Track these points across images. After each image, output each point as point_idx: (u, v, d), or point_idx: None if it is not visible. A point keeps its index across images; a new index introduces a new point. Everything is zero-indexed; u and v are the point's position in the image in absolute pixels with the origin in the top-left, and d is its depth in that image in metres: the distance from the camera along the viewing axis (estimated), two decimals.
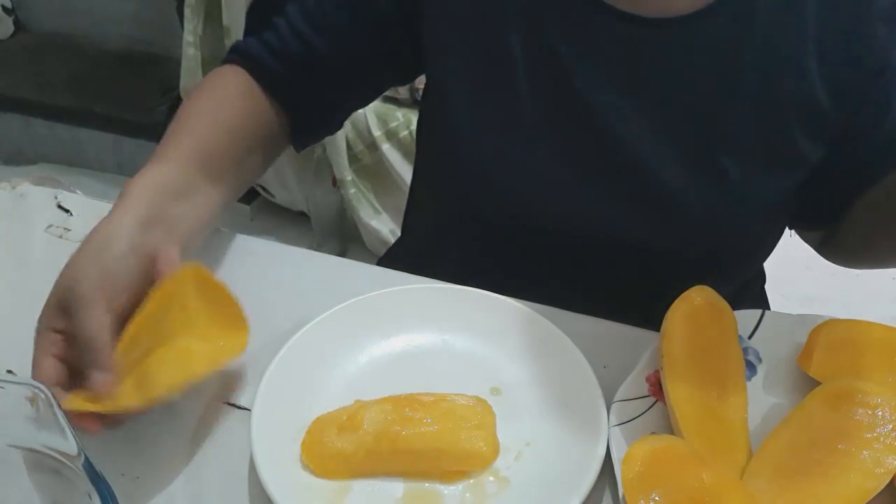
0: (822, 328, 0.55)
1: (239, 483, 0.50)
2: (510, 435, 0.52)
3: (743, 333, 0.57)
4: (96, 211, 0.72)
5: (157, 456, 0.51)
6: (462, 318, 0.59)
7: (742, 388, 0.53)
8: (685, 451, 0.47)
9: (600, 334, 0.60)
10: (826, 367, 0.53)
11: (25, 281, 0.65)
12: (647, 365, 0.54)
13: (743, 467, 0.49)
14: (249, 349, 0.56)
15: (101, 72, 2.06)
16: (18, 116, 2.08)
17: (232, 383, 0.56)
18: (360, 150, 1.71)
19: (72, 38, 2.16)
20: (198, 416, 0.54)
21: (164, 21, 1.98)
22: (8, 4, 2.18)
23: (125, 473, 0.50)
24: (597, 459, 0.48)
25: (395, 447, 0.49)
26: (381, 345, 0.58)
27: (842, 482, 0.46)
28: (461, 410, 0.51)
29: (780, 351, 0.56)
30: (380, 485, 0.49)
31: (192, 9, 1.60)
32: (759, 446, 0.50)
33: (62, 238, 0.69)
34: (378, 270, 0.67)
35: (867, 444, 0.47)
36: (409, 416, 0.50)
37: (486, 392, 0.55)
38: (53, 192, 0.74)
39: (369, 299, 0.59)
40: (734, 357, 0.54)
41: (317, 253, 0.69)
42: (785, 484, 0.47)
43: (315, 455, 0.50)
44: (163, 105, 1.92)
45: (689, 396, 0.51)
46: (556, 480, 0.48)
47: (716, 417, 0.51)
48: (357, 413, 0.50)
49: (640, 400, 0.53)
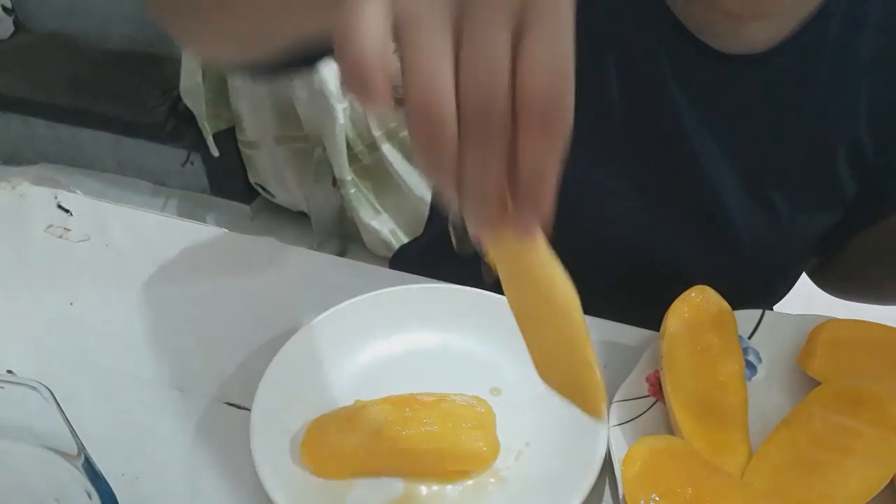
0: (822, 328, 0.55)
1: (239, 483, 0.50)
2: (510, 435, 0.52)
3: (743, 333, 0.57)
4: (96, 211, 0.72)
5: (157, 456, 0.51)
6: (462, 318, 0.59)
7: (742, 388, 0.53)
8: (685, 451, 0.47)
9: (600, 334, 0.60)
10: (826, 367, 0.53)
11: (25, 281, 0.65)
12: (647, 365, 0.54)
13: (743, 467, 0.49)
14: (249, 349, 0.56)
15: (101, 72, 2.06)
16: (18, 116, 2.08)
17: (232, 383, 0.56)
18: (361, 150, 1.71)
19: (72, 38, 2.16)
20: (198, 416, 0.54)
21: None
22: (8, 4, 2.18)
23: (125, 473, 0.50)
24: (597, 459, 0.48)
25: (395, 447, 0.49)
26: (381, 345, 0.58)
27: (842, 482, 0.46)
28: (461, 410, 0.51)
29: (780, 351, 0.56)
30: (380, 485, 0.49)
31: None
32: (759, 446, 0.50)
33: (62, 238, 0.69)
34: (378, 270, 0.67)
35: (867, 444, 0.47)
36: (409, 416, 0.50)
37: (486, 392, 0.55)
38: (53, 192, 0.74)
39: (369, 299, 0.59)
40: (734, 357, 0.54)
41: (317, 253, 0.69)
42: (785, 484, 0.47)
43: (315, 455, 0.49)
44: (163, 105, 1.91)
45: (689, 396, 0.51)
46: (556, 480, 0.48)
47: (716, 417, 0.51)
48: (357, 413, 0.50)
49: (640, 400, 0.53)
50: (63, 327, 0.61)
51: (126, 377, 0.57)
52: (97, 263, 0.67)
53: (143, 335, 0.60)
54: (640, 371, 0.54)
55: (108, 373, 0.57)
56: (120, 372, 0.57)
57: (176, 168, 2.01)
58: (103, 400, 0.55)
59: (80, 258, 0.67)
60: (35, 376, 0.41)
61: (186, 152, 1.96)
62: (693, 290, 0.56)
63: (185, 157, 1.97)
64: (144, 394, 0.56)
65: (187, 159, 1.97)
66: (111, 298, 0.63)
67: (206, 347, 0.59)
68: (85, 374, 0.57)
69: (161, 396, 0.55)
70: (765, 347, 0.57)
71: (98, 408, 0.55)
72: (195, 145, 1.90)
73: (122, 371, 0.57)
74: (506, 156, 0.27)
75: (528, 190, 0.28)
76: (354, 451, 0.49)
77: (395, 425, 0.49)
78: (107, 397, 0.55)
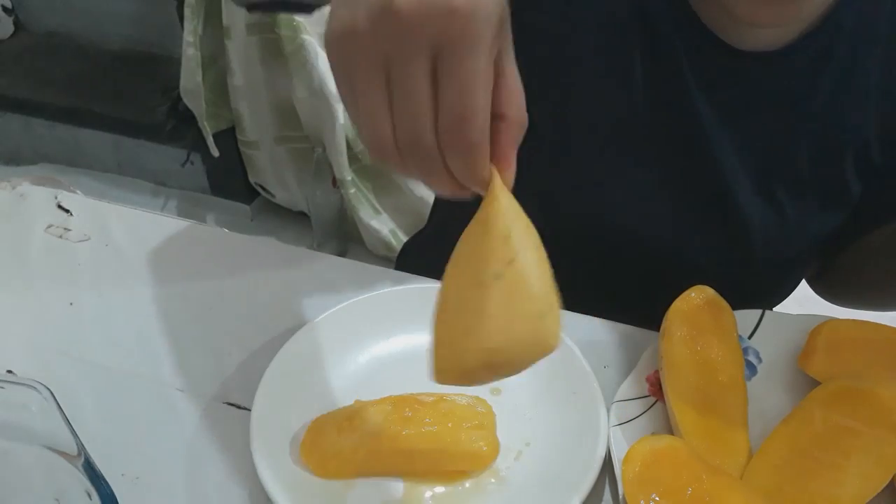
0: (822, 328, 0.55)
1: (239, 483, 0.50)
2: (510, 435, 0.52)
3: (743, 333, 0.57)
4: (96, 211, 0.72)
5: (157, 456, 0.51)
6: None
7: (742, 388, 0.53)
8: (685, 451, 0.47)
9: (600, 334, 0.60)
10: (826, 367, 0.53)
11: (25, 281, 0.65)
12: (647, 365, 0.54)
13: (743, 467, 0.49)
14: (249, 349, 0.56)
15: (101, 72, 2.06)
16: (18, 116, 2.08)
17: (232, 383, 0.56)
18: (361, 150, 1.71)
19: (72, 38, 2.17)
20: (198, 416, 0.54)
21: (164, 21, 1.98)
22: (8, 4, 2.18)
23: (125, 473, 0.50)
24: (597, 459, 0.48)
25: (395, 447, 0.49)
26: (381, 345, 0.58)
27: (842, 482, 0.46)
28: (461, 410, 0.51)
29: (780, 351, 0.56)
30: (380, 485, 0.49)
31: (192, 9, 1.60)
32: (759, 446, 0.50)
33: (62, 238, 0.69)
34: (378, 270, 0.67)
35: (867, 444, 0.47)
36: (409, 416, 0.50)
37: (486, 392, 0.55)
38: (53, 192, 0.74)
39: (369, 299, 0.59)
40: (734, 357, 0.54)
41: (317, 253, 0.69)
42: (785, 484, 0.47)
43: (315, 455, 0.50)
44: (163, 105, 1.92)
45: (689, 396, 0.51)
46: (556, 480, 0.48)
47: (716, 417, 0.51)
48: (357, 413, 0.50)
49: (640, 400, 0.53)
50: (63, 327, 0.61)
51: (126, 377, 0.57)
52: (97, 263, 0.67)
53: (143, 335, 0.60)
54: (640, 371, 0.54)
55: (108, 373, 0.57)
56: (120, 372, 0.57)
57: (176, 168, 2.01)
58: (103, 400, 0.55)
59: (80, 258, 0.67)
60: (35, 376, 0.41)
61: (186, 152, 1.96)
62: (693, 289, 0.56)
63: (185, 157, 1.97)
64: (144, 394, 0.56)
65: (187, 159, 1.97)
66: (111, 298, 0.63)
67: (206, 347, 0.59)
68: (85, 374, 0.57)
69: (161, 396, 0.55)
70: (765, 347, 0.57)
71: (98, 408, 0.55)
72: (195, 145, 1.90)
73: (122, 371, 0.57)
74: (439, 162, 0.34)
75: (460, 177, 0.35)
76: (354, 451, 0.49)
77: (395, 425, 0.49)
78: (107, 397, 0.55)
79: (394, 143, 0.34)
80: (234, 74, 1.68)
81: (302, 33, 1.56)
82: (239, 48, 1.65)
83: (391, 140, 0.34)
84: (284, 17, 1.55)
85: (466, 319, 0.36)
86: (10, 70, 2.09)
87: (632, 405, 0.52)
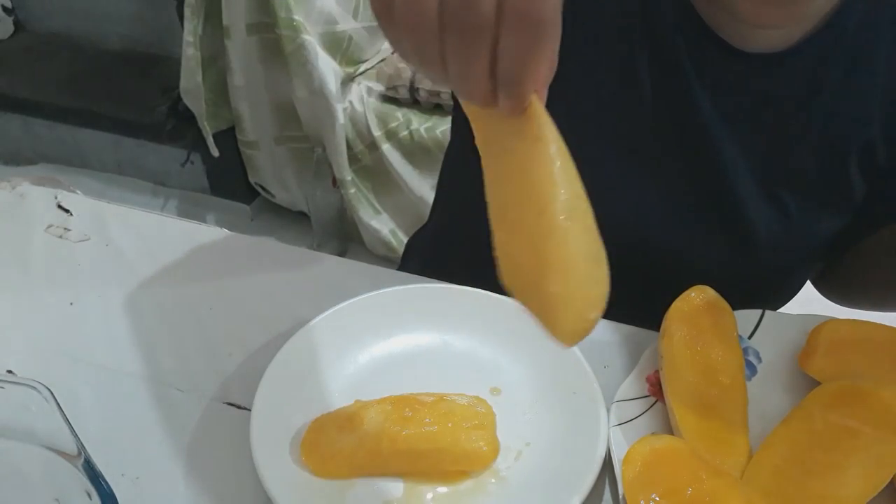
0: (822, 328, 0.55)
1: (239, 483, 0.50)
2: (510, 435, 0.52)
3: (743, 333, 0.57)
4: (96, 211, 0.72)
5: (157, 456, 0.51)
6: (462, 318, 0.59)
7: (742, 388, 0.53)
8: (685, 451, 0.47)
9: (600, 334, 0.60)
10: (826, 368, 0.53)
11: (25, 281, 0.65)
12: (647, 365, 0.54)
13: (743, 467, 0.49)
14: (249, 349, 0.56)
15: (101, 72, 2.06)
16: (18, 116, 2.08)
17: (232, 383, 0.56)
18: (360, 150, 1.71)
19: (72, 38, 2.17)
20: (198, 416, 0.54)
21: (164, 21, 1.99)
22: (8, 4, 2.18)
23: (125, 473, 0.50)
24: (597, 459, 0.48)
25: (395, 447, 0.49)
26: (381, 345, 0.58)
27: (842, 482, 0.46)
28: (461, 410, 0.51)
29: (780, 351, 0.56)
30: (380, 485, 0.49)
31: (192, 9, 1.60)
32: (759, 446, 0.50)
33: (62, 238, 0.69)
34: (378, 270, 0.67)
35: (867, 444, 0.47)
36: (409, 416, 0.50)
37: (486, 392, 0.55)
38: (53, 192, 0.74)
39: (369, 299, 0.59)
40: (734, 357, 0.54)
41: (317, 253, 0.69)
42: (785, 484, 0.47)
43: (315, 455, 0.49)
44: (163, 105, 1.92)
45: (689, 396, 0.51)
46: (556, 480, 0.48)
47: (716, 417, 0.51)
48: (357, 413, 0.50)
49: (640, 400, 0.53)
50: (63, 327, 0.61)
51: (126, 377, 0.57)
52: (97, 263, 0.67)
53: (142, 335, 0.60)
54: (640, 371, 0.54)
55: (108, 373, 0.57)
56: (120, 372, 0.57)
57: (176, 168, 2.01)
58: (103, 400, 0.55)
59: (80, 258, 0.67)
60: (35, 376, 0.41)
61: (186, 152, 1.96)
62: (693, 289, 0.56)
63: (185, 157, 1.97)
64: (144, 394, 0.56)
65: (187, 159, 1.97)
66: (111, 298, 0.63)
67: (206, 347, 0.59)
68: (85, 374, 0.57)
69: (161, 396, 0.55)
70: (765, 347, 0.57)
71: (98, 408, 0.55)
72: (195, 145, 1.91)
73: (122, 371, 0.57)
74: (486, 44, 0.29)
75: (505, 72, 0.30)
76: (354, 451, 0.49)
77: (395, 425, 0.49)
78: (107, 397, 0.55)
79: (437, 11, 0.29)
80: (234, 74, 1.69)
81: (302, 33, 1.56)
82: (239, 48, 1.65)
83: (434, 6, 0.28)
84: (284, 17, 1.55)
85: (568, 265, 0.33)
86: (10, 70, 2.09)
87: (632, 405, 0.52)
